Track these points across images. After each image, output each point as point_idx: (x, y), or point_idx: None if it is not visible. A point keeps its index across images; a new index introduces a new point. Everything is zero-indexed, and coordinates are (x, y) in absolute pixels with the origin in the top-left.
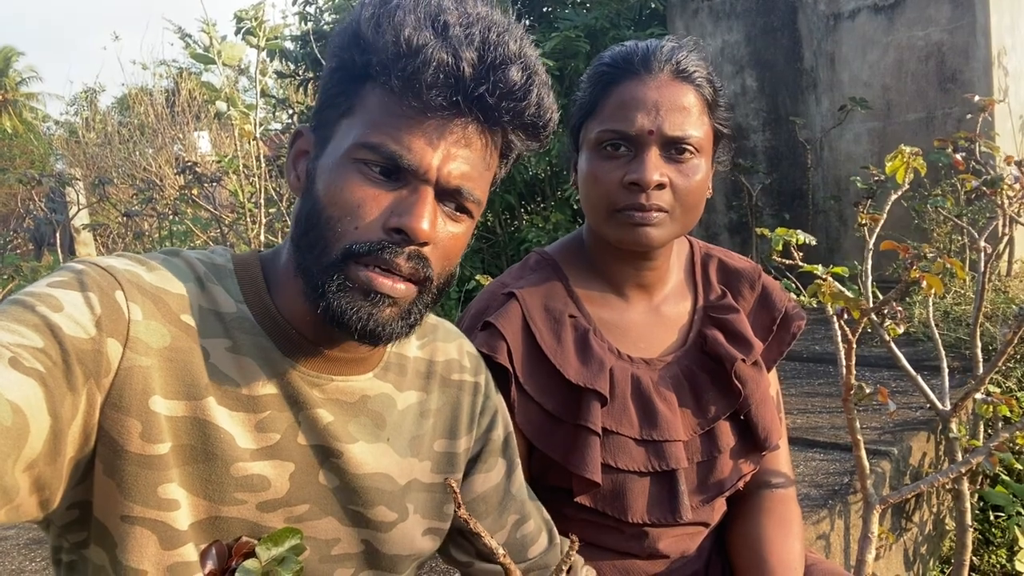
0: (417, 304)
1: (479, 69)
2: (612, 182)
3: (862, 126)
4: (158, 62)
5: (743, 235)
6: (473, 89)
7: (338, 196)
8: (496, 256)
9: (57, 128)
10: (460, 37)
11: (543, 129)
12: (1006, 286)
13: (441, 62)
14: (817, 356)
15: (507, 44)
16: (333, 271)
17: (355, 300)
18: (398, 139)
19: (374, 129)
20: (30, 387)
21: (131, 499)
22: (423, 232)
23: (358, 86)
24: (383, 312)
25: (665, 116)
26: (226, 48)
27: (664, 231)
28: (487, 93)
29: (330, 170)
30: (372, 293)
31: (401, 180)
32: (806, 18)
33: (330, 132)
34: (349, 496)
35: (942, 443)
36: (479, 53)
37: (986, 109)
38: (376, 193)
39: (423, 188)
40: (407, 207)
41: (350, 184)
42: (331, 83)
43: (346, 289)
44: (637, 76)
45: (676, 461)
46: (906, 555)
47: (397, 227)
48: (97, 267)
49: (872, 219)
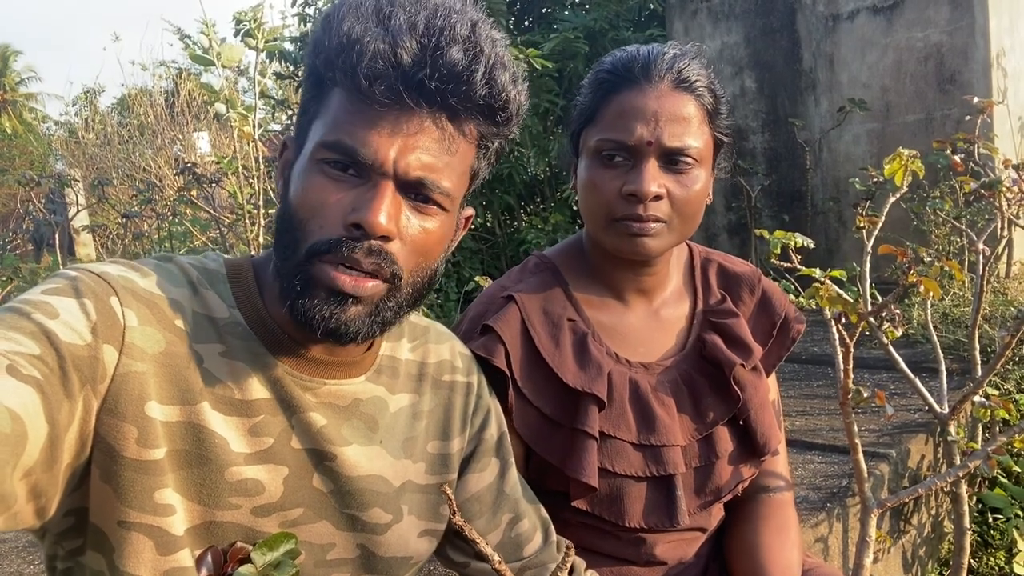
0: (387, 302)
1: (418, 55)
2: (610, 191)
3: (861, 127)
4: (157, 63)
5: (742, 236)
6: (413, 75)
7: (304, 197)
8: (495, 257)
9: (57, 128)
10: (401, 25)
11: (502, 111)
12: (1005, 288)
13: (377, 51)
14: (815, 358)
15: (453, 26)
16: (298, 271)
17: (318, 299)
18: (353, 135)
19: (332, 128)
20: (27, 394)
21: (128, 504)
22: (380, 226)
23: (322, 90)
24: (347, 311)
25: (664, 127)
26: (225, 49)
27: (662, 241)
28: (426, 78)
29: (298, 174)
30: (335, 292)
31: (362, 176)
32: (805, 19)
33: (304, 138)
34: (343, 499)
35: (940, 446)
36: (420, 39)
37: (985, 111)
38: (337, 190)
39: (382, 182)
40: (364, 201)
41: (314, 185)
42: (304, 91)
43: (309, 288)
44: (637, 85)
45: (674, 466)
46: (904, 558)
47: (355, 222)
48: (91, 273)
49: (870, 221)
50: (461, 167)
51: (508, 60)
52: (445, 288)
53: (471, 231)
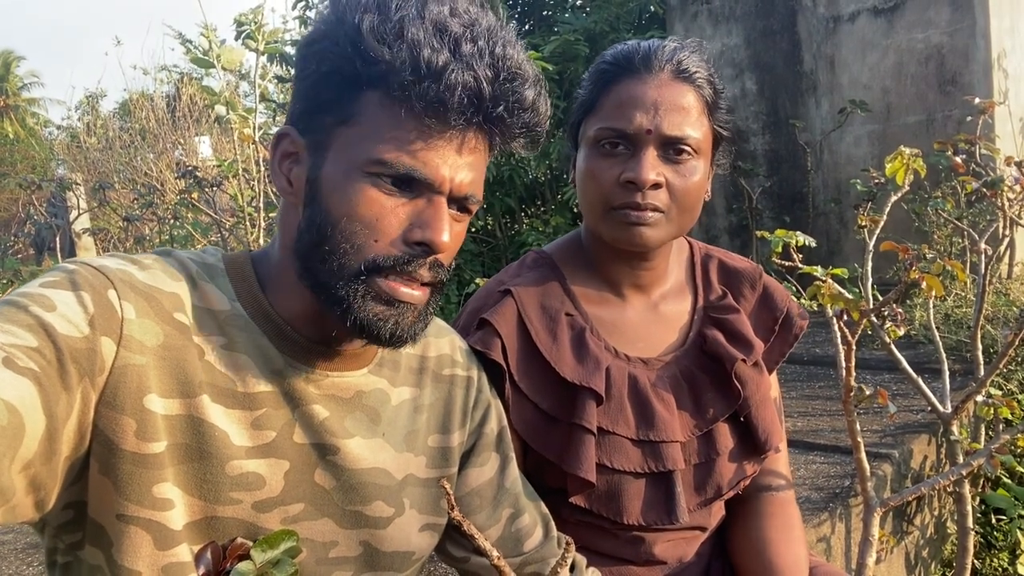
0: (431, 305)
1: (495, 87)
2: (609, 180)
3: (862, 129)
4: (159, 67)
5: (743, 238)
6: (491, 108)
7: (354, 209)
8: (496, 260)
9: (58, 133)
10: (474, 54)
11: (538, 131)
12: (1007, 288)
13: (465, 84)
14: (817, 359)
15: (512, 57)
16: (356, 283)
17: (381, 310)
18: (413, 155)
19: (387, 144)
20: (25, 387)
21: (126, 498)
22: (445, 245)
23: (357, 93)
24: (406, 318)
25: (664, 116)
26: (225, 52)
27: (659, 231)
28: (505, 112)
29: (340, 182)
30: (396, 302)
31: (415, 191)
32: (805, 21)
33: (326, 139)
34: (347, 495)
35: (943, 446)
36: (493, 70)
37: (986, 111)
38: (393, 206)
39: (438, 199)
40: (427, 220)
41: (366, 197)
42: (323, 87)
43: (371, 300)
44: (637, 75)
45: (673, 462)
46: (907, 559)
47: (421, 240)
48: (89, 267)
49: (872, 221)
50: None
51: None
52: (446, 290)
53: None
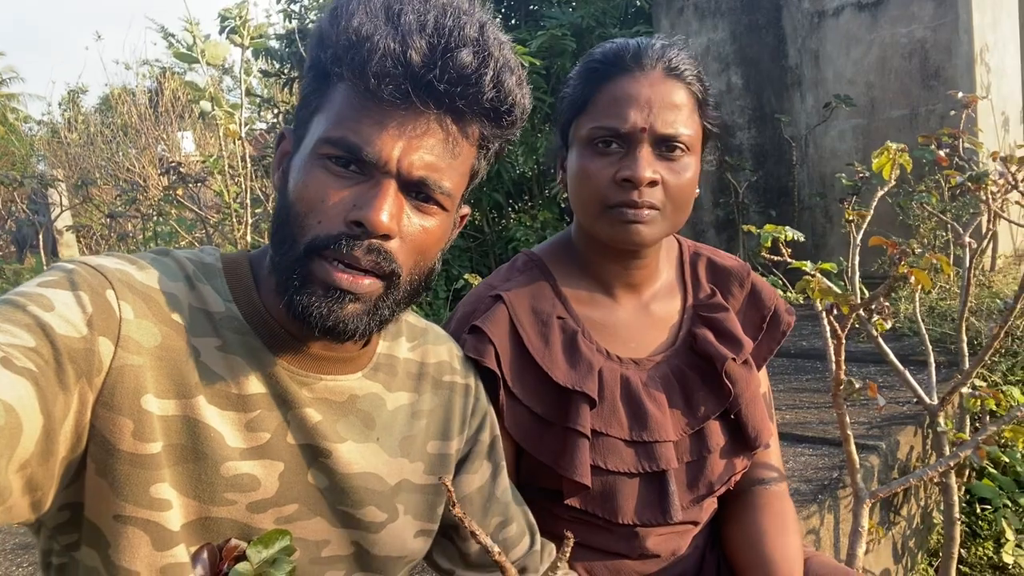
0: (385, 300)
1: (428, 56)
2: (604, 179)
3: (846, 123)
4: (141, 61)
5: (729, 232)
6: (422, 76)
7: (304, 192)
8: (484, 255)
9: (38, 128)
10: (411, 23)
11: (507, 115)
12: (990, 281)
13: (387, 50)
14: (804, 352)
15: (462, 28)
16: (296, 267)
17: (316, 296)
18: (357, 132)
19: (336, 123)
20: (22, 386)
21: (123, 498)
22: (381, 224)
23: (326, 83)
24: (344, 308)
25: (658, 113)
26: (210, 47)
27: (655, 229)
28: (435, 80)
29: (298, 167)
30: (332, 289)
31: (364, 173)
32: (790, 16)
33: (304, 131)
34: (338, 496)
35: (929, 437)
36: (430, 40)
37: (969, 105)
38: (338, 187)
39: (385, 180)
40: (367, 199)
41: (314, 179)
42: (305, 83)
43: (307, 284)
44: (629, 73)
45: (666, 462)
46: (895, 548)
47: (356, 219)
48: (87, 266)
49: (859, 215)
50: (462, 168)
51: (515, 63)
52: (434, 286)
53: None
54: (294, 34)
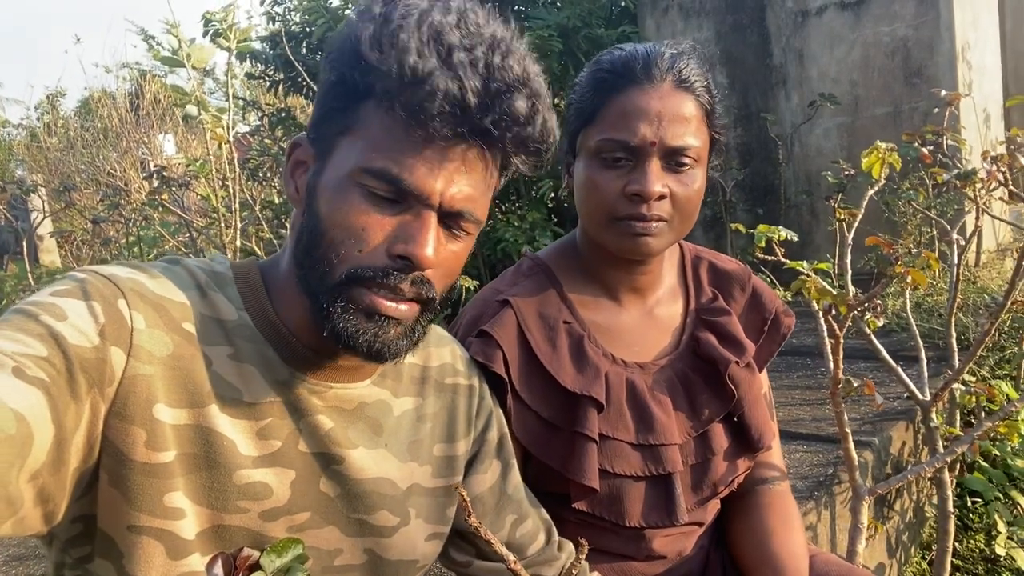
0: (420, 322)
1: (484, 98)
2: (612, 191)
3: (831, 121)
4: (120, 64)
5: (716, 230)
6: (479, 120)
7: (341, 218)
8: (472, 256)
9: (17, 132)
10: (464, 63)
11: (545, 152)
12: (976, 276)
13: (447, 92)
14: (795, 349)
15: (511, 68)
16: (337, 293)
17: (360, 322)
18: (401, 164)
19: (377, 153)
20: (34, 396)
21: (137, 508)
22: (429, 260)
23: (358, 104)
24: (388, 333)
25: (667, 127)
26: (195, 50)
27: (663, 240)
28: (492, 125)
29: (332, 189)
30: (376, 315)
31: (404, 203)
32: (774, 15)
33: (329, 147)
34: (351, 503)
35: (921, 432)
36: (484, 81)
37: (952, 103)
38: (380, 217)
39: (426, 213)
40: (411, 234)
41: (353, 207)
42: (330, 97)
43: (350, 311)
44: (638, 85)
45: (672, 464)
46: (889, 543)
47: (402, 254)
48: (100, 276)
49: (850, 214)
50: (491, 193)
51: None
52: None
53: None
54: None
